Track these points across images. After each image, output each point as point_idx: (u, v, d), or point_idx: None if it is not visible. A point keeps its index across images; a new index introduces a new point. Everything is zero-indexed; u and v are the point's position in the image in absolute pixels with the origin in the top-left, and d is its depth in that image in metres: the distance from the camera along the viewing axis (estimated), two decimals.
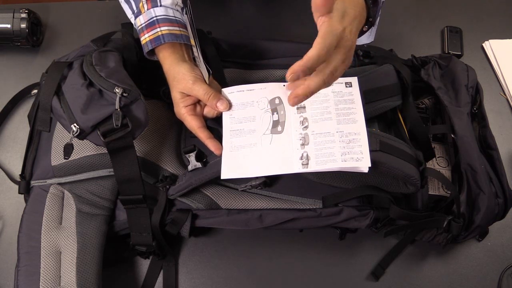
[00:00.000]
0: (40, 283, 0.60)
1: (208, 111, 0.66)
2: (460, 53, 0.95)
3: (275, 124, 0.63)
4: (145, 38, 0.66)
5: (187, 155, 0.67)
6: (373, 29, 0.71)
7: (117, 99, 0.60)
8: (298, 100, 0.52)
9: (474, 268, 0.74)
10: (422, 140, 0.71)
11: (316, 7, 0.50)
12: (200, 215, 0.67)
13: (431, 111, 0.77)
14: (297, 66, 0.49)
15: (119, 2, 0.72)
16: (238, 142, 0.63)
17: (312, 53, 0.49)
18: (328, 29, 0.50)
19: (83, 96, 0.62)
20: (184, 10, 0.69)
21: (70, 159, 0.66)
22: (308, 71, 0.50)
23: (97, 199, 0.66)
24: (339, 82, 0.64)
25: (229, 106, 0.65)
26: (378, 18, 0.68)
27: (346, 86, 0.64)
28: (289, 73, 0.49)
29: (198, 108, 0.67)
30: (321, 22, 0.51)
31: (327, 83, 0.52)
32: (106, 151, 0.62)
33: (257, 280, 0.72)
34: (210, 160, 0.66)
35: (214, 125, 0.68)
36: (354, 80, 0.64)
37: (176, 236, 0.68)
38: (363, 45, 0.80)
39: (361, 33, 0.62)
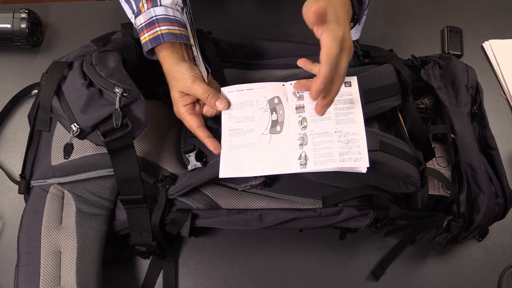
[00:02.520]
0: (40, 283, 0.60)
1: (207, 110, 0.66)
2: (460, 53, 0.95)
3: (274, 123, 0.63)
4: (144, 37, 0.66)
5: (187, 155, 0.67)
6: (359, 27, 0.74)
7: (117, 99, 0.60)
8: (326, 108, 0.57)
9: (474, 268, 0.74)
10: (422, 140, 0.71)
11: (311, 21, 0.51)
12: (200, 215, 0.67)
13: (431, 111, 0.77)
14: (317, 85, 0.53)
15: (119, 2, 0.72)
16: (237, 141, 0.63)
17: (324, 69, 0.52)
18: (330, 38, 0.52)
19: (83, 96, 0.62)
20: (184, 10, 0.69)
21: (70, 159, 0.66)
22: (327, 86, 0.54)
23: (97, 199, 0.66)
24: None
25: (228, 105, 0.65)
26: (364, 17, 0.70)
27: (346, 86, 0.64)
28: (313, 96, 0.54)
29: (197, 107, 0.67)
30: (320, 31, 0.53)
31: (342, 83, 0.56)
32: (106, 151, 0.62)
33: (257, 280, 0.72)
34: (210, 159, 0.66)
35: (214, 125, 0.68)
36: (353, 79, 0.64)
37: (176, 236, 0.68)
38: (356, 41, 0.81)
39: None
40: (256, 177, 0.67)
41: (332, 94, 0.56)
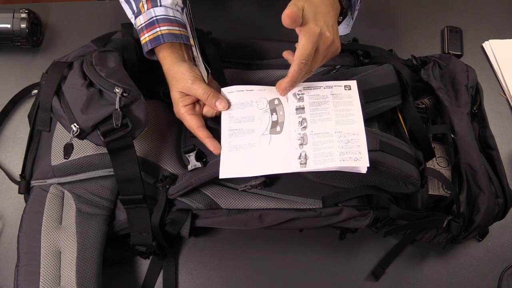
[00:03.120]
0: (40, 283, 0.60)
1: (207, 111, 0.66)
2: (460, 53, 0.95)
3: (274, 124, 0.63)
4: (144, 38, 0.66)
5: (187, 155, 0.67)
6: (350, 22, 0.76)
7: (117, 99, 0.60)
8: (287, 91, 0.63)
9: (474, 268, 0.74)
10: (422, 140, 0.71)
11: (287, 25, 0.56)
12: (200, 215, 0.67)
13: (431, 111, 0.77)
14: (284, 83, 0.61)
15: (119, 2, 0.72)
16: (236, 141, 0.63)
17: (293, 69, 0.58)
18: (303, 39, 0.56)
19: (83, 96, 0.62)
20: (184, 10, 0.69)
21: (70, 159, 0.66)
22: (295, 84, 0.61)
23: (97, 199, 0.66)
24: (338, 85, 0.64)
25: (228, 105, 0.65)
26: (356, 11, 0.71)
27: (345, 89, 0.64)
28: (281, 92, 0.63)
29: (197, 107, 0.67)
30: (298, 31, 0.57)
31: (308, 74, 0.61)
32: (106, 151, 0.62)
33: (257, 280, 0.72)
34: (210, 160, 0.66)
35: (214, 125, 0.68)
36: (353, 83, 0.64)
37: (176, 236, 0.68)
38: (349, 40, 0.81)
39: (338, 23, 0.66)
40: (256, 177, 0.67)
41: (297, 83, 0.62)
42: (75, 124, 0.61)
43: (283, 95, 0.63)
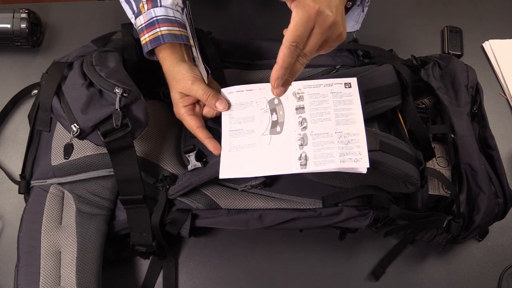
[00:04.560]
0: (40, 283, 0.60)
1: (207, 111, 0.66)
2: (460, 53, 0.95)
3: (274, 124, 0.63)
4: (145, 38, 0.66)
5: (187, 155, 0.67)
6: (360, 17, 0.69)
7: (117, 99, 0.60)
8: (282, 88, 0.52)
9: (474, 268, 0.74)
10: (422, 140, 0.71)
11: None
12: (200, 215, 0.67)
13: (431, 111, 0.77)
14: (276, 72, 0.49)
15: (119, 2, 0.72)
16: (237, 142, 0.63)
17: (282, 55, 0.48)
18: (295, 16, 0.48)
19: (83, 96, 0.62)
20: (184, 10, 0.69)
21: (70, 159, 0.66)
22: (287, 70, 0.49)
23: (97, 199, 0.66)
24: (338, 82, 0.64)
25: (228, 106, 0.65)
26: (367, 7, 0.66)
27: (345, 87, 0.64)
28: (273, 84, 0.50)
29: (197, 108, 0.67)
30: (293, 7, 0.49)
31: (304, 63, 0.51)
32: (106, 151, 0.62)
33: (257, 280, 0.72)
34: (210, 160, 0.66)
35: (214, 125, 0.68)
36: (353, 81, 0.64)
37: (176, 236, 0.68)
38: (352, 35, 0.79)
39: (345, 10, 0.60)
40: (256, 177, 0.67)
41: (293, 75, 0.51)
42: (75, 124, 0.61)
43: (277, 94, 0.52)
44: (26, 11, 0.85)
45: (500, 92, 0.92)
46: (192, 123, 0.64)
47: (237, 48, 0.81)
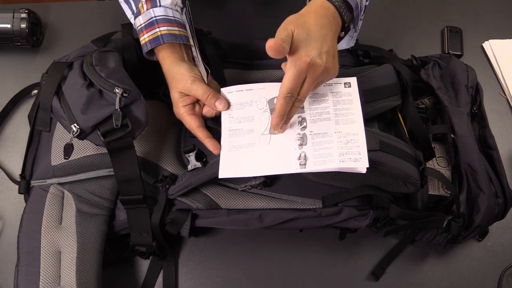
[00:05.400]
0: (40, 283, 0.60)
1: (207, 111, 0.66)
2: (460, 53, 0.95)
3: None
4: (144, 38, 0.66)
5: (187, 155, 0.67)
6: (354, 34, 0.71)
7: (117, 99, 0.60)
8: (282, 128, 0.61)
9: (474, 268, 0.74)
10: (422, 140, 0.71)
11: (272, 56, 0.52)
12: (200, 215, 0.67)
13: (431, 111, 0.77)
14: (274, 119, 0.58)
15: (119, 2, 0.72)
16: (236, 141, 0.63)
17: (279, 104, 0.56)
18: (288, 73, 0.54)
19: (83, 96, 0.62)
20: (184, 10, 0.69)
21: (70, 159, 0.66)
22: (285, 116, 0.58)
23: (97, 199, 0.66)
24: (338, 82, 0.64)
25: (228, 105, 0.65)
26: (360, 22, 0.67)
27: (345, 87, 0.64)
28: (274, 128, 0.60)
29: (197, 107, 0.67)
30: (288, 60, 0.54)
31: (299, 106, 0.59)
32: (106, 151, 0.62)
33: (257, 280, 0.72)
34: (209, 159, 0.66)
35: (214, 125, 0.68)
36: (353, 80, 0.64)
37: (176, 236, 0.68)
38: (355, 44, 0.80)
39: (339, 39, 0.62)
40: (256, 177, 0.67)
41: (290, 117, 0.59)
42: (75, 124, 0.61)
43: (279, 132, 0.61)
44: (26, 11, 0.85)
45: (500, 92, 0.92)
46: (192, 123, 0.64)
47: (237, 48, 0.81)
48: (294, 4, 0.98)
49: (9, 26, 0.84)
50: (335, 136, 0.60)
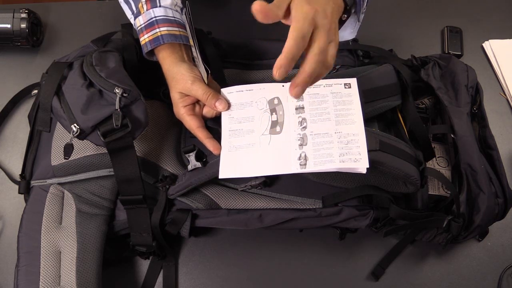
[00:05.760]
0: (40, 283, 0.60)
1: (207, 111, 0.66)
2: (460, 53, 0.94)
3: (274, 124, 0.63)
4: (144, 38, 0.66)
5: (187, 155, 0.67)
6: (356, 26, 0.69)
7: (117, 99, 0.60)
8: (299, 89, 0.50)
9: (474, 268, 0.74)
10: (422, 140, 0.71)
11: (259, 20, 0.47)
12: (200, 215, 0.67)
13: (431, 111, 0.77)
14: (279, 60, 0.47)
15: (119, 2, 0.72)
16: (236, 142, 0.63)
17: (289, 43, 0.48)
18: (296, 13, 0.48)
19: (83, 96, 0.62)
20: (183, 10, 0.69)
21: (70, 159, 0.66)
22: (292, 61, 0.48)
23: (97, 199, 0.66)
24: (338, 83, 0.64)
25: (228, 106, 0.65)
26: (363, 14, 0.66)
27: (345, 87, 0.64)
28: (275, 71, 0.48)
29: (197, 108, 0.67)
30: (290, 10, 0.49)
31: (321, 61, 0.50)
32: (106, 151, 0.62)
33: (257, 280, 0.72)
34: (209, 160, 0.66)
35: (214, 125, 0.68)
36: (353, 81, 0.64)
37: (176, 236, 0.68)
38: (349, 42, 0.79)
39: (341, 22, 0.60)
40: (256, 177, 0.67)
41: (304, 73, 0.50)
42: (75, 124, 0.61)
43: (278, 77, 0.48)
44: (26, 11, 0.85)
45: (500, 92, 0.92)
46: (192, 123, 0.64)
47: (237, 48, 0.81)
48: None
49: (9, 26, 0.84)
50: (335, 137, 0.60)
